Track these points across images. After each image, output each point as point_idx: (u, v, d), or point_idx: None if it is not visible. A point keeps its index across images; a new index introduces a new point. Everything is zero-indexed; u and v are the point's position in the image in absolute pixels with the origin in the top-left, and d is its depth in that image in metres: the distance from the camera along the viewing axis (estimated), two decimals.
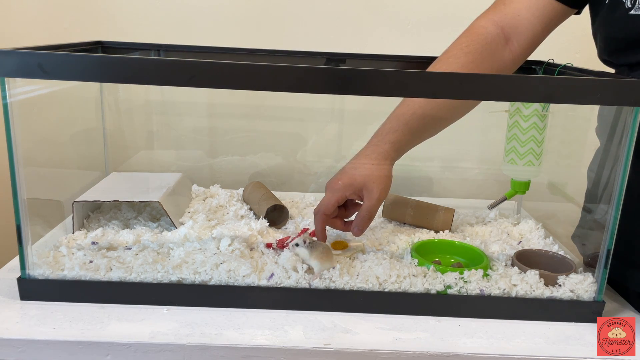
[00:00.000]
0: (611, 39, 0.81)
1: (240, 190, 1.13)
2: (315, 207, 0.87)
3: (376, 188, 0.84)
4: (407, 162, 0.90)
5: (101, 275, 0.77)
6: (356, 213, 0.87)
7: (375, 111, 0.91)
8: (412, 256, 0.84)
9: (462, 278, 0.78)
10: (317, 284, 0.77)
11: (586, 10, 0.88)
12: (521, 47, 0.88)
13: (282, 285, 0.77)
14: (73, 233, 0.91)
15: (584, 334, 0.74)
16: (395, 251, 0.88)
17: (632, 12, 0.77)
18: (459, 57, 0.87)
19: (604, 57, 0.85)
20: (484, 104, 0.91)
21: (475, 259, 0.86)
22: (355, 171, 0.85)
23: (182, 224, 0.95)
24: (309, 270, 0.79)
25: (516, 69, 0.92)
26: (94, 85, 1.11)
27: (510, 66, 0.90)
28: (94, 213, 1.00)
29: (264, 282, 0.77)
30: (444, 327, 0.74)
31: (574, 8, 0.87)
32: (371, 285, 0.77)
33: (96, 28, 1.27)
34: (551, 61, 0.98)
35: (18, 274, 0.76)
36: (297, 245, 0.79)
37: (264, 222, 0.96)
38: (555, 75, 0.90)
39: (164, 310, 0.75)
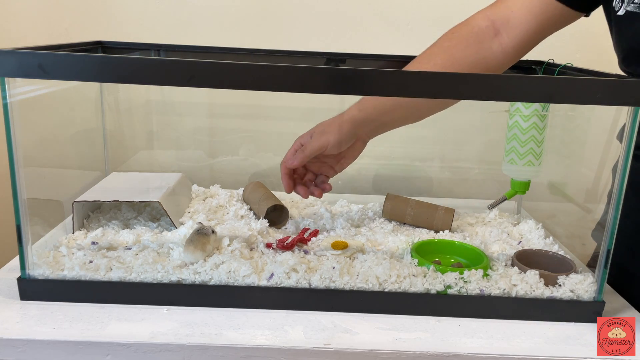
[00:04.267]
0: (631, 49, 0.81)
1: (240, 190, 1.13)
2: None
3: (317, 128, 0.89)
4: (407, 162, 0.90)
5: (101, 275, 0.77)
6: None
7: None
8: (412, 256, 0.84)
9: (462, 278, 0.78)
10: (317, 284, 0.77)
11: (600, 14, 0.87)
12: (512, 41, 0.87)
13: (282, 285, 0.77)
14: (73, 233, 0.91)
15: (584, 334, 0.74)
16: (395, 251, 0.88)
17: None
18: (443, 43, 0.88)
19: (624, 67, 0.85)
20: (484, 104, 0.91)
21: (475, 259, 0.86)
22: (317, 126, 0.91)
23: (182, 224, 0.95)
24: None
25: (509, 64, 0.91)
26: (94, 85, 1.11)
27: (502, 59, 0.89)
28: (94, 213, 1.00)
29: (264, 282, 0.77)
30: (444, 327, 0.74)
31: (580, 11, 0.87)
32: (371, 285, 0.77)
33: (96, 28, 1.27)
34: (551, 61, 0.98)
35: (18, 274, 0.76)
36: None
37: (264, 222, 0.96)
38: (555, 75, 0.90)
39: (164, 310, 0.75)
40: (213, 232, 0.83)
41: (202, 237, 0.81)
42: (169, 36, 1.27)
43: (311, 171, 0.95)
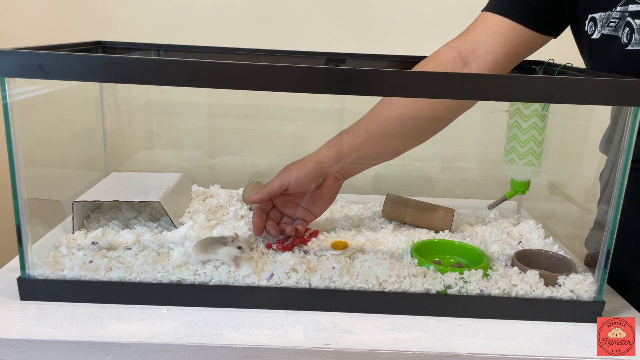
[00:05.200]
0: (608, 72, 0.81)
1: (240, 190, 1.13)
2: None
3: (284, 169, 0.89)
4: (407, 162, 0.90)
5: (101, 275, 0.77)
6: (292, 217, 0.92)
7: None
8: (412, 256, 0.84)
9: (462, 278, 0.78)
10: (317, 284, 0.77)
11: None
12: (482, 70, 0.88)
13: (282, 285, 0.77)
14: (73, 233, 0.91)
15: (584, 334, 0.74)
16: (395, 251, 0.88)
17: (630, 47, 0.76)
18: None
19: None
20: (484, 104, 0.91)
21: (475, 259, 0.86)
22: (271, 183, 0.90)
23: (182, 224, 0.95)
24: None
25: None
26: (94, 85, 1.11)
27: None
28: (94, 213, 1.00)
29: (264, 282, 0.77)
30: (444, 327, 0.74)
31: (547, 35, 0.88)
32: (371, 285, 0.77)
33: (96, 28, 1.27)
34: (551, 61, 0.98)
35: (18, 274, 0.76)
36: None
37: None
38: (555, 75, 0.91)
39: (164, 310, 0.75)
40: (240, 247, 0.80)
41: (217, 243, 0.79)
42: (169, 36, 1.27)
43: (286, 215, 0.92)
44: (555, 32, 0.90)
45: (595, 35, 0.80)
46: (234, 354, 0.68)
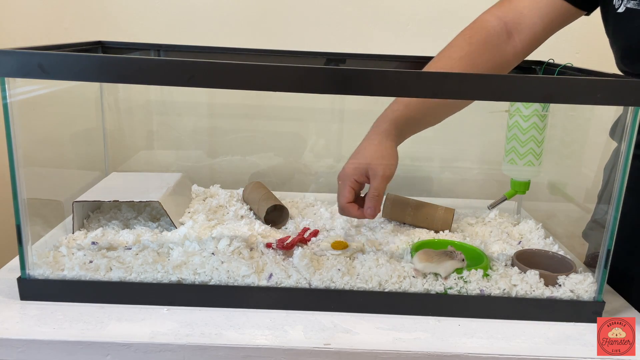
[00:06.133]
0: (631, 48, 0.81)
1: (240, 190, 1.13)
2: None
3: (380, 167, 0.85)
4: (407, 162, 0.90)
5: (101, 275, 0.77)
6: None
7: (375, 111, 0.91)
8: (412, 256, 0.84)
9: (462, 278, 0.78)
10: (317, 284, 0.77)
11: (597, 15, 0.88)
12: (523, 43, 0.88)
13: (282, 285, 0.77)
14: (73, 233, 0.91)
15: (584, 334, 0.74)
16: (395, 251, 0.88)
17: None
18: (463, 46, 0.88)
19: (622, 66, 0.85)
20: (484, 104, 0.91)
21: (475, 259, 0.86)
22: (359, 155, 0.87)
23: (182, 224, 0.95)
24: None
25: (516, 65, 0.92)
26: (94, 85, 1.11)
27: (512, 61, 0.90)
28: (94, 213, 1.00)
29: (264, 282, 0.77)
30: (444, 327, 0.74)
31: (582, 9, 0.87)
32: (371, 285, 0.77)
33: (96, 28, 1.27)
34: (551, 61, 0.98)
35: (18, 274, 0.76)
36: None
37: (264, 226, 0.96)
38: (555, 75, 0.90)
39: (164, 310, 0.75)
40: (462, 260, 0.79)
41: (443, 255, 0.79)
42: (169, 36, 1.27)
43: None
44: (589, 8, 0.88)
45: (621, 9, 0.79)
46: (234, 354, 0.68)
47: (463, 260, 0.78)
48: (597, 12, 0.88)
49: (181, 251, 0.82)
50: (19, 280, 0.75)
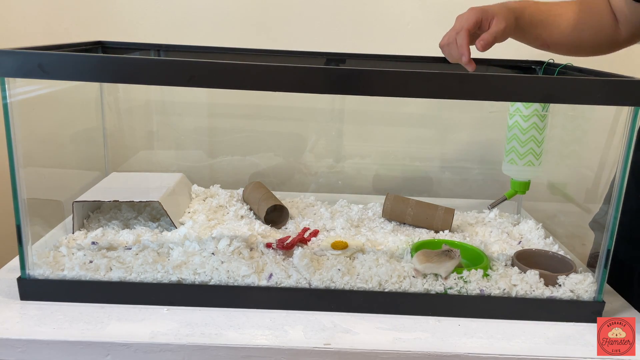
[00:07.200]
0: None
1: (240, 190, 1.13)
2: (449, 33, 0.88)
3: (505, 20, 0.87)
4: (407, 162, 0.90)
5: (101, 275, 0.77)
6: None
7: (375, 111, 0.91)
8: (412, 256, 0.84)
9: (462, 278, 0.78)
10: (317, 284, 0.77)
11: None
12: (626, 37, 0.89)
13: (282, 285, 0.77)
14: (73, 233, 0.91)
15: (584, 334, 0.74)
16: (395, 251, 0.88)
17: None
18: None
19: None
20: (484, 104, 0.91)
21: (475, 259, 0.86)
22: (487, 6, 0.89)
23: (182, 224, 0.95)
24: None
25: (620, 49, 0.92)
26: (94, 85, 1.11)
27: (620, 41, 0.91)
28: (94, 213, 1.00)
29: (264, 282, 0.77)
30: (444, 327, 0.74)
31: None
32: (371, 285, 0.77)
33: (96, 28, 1.27)
34: (551, 61, 0.98)
35: (18, 274, 0.76)
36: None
37: (264, 226, 0.96)
38: (555, 75, 0.90)
39: (164, 310, 0.75)
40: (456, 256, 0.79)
41: (443, 255, 0.79)
42: (169, 36, 1.27)
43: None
44: None
45: None
46: (234, 354, 0.68)
47: (458, 256, 0.78)
48: None
49: (181, 251, 0.82)
50: (19, 280, 0.75)
